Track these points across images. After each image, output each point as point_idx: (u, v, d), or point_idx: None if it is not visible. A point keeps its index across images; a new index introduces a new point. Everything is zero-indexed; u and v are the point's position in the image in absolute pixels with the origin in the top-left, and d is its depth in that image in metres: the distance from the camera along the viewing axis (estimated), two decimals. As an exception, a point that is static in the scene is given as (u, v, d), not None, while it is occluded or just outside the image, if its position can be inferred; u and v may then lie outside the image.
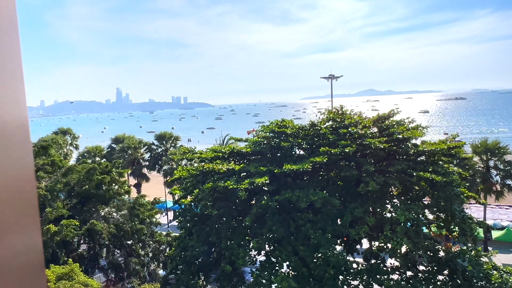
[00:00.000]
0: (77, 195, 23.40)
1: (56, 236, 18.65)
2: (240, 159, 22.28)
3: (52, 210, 19.60)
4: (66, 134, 67.71)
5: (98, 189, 23.56)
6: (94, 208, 24.18)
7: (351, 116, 22.18)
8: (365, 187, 17.47)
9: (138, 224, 24.55)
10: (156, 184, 70.91)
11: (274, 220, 17.69)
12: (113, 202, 24.98)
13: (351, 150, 18.32)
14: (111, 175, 24.72)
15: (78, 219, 21.25)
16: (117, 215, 25.10)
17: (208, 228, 19.71)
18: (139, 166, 55.82)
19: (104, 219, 23.92)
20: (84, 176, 23.46)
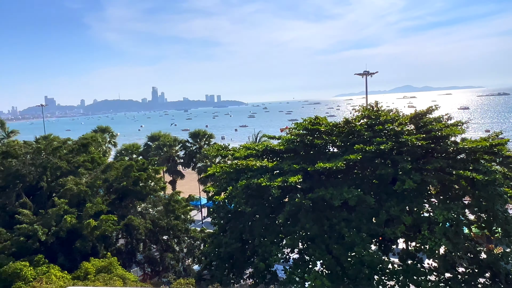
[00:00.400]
0: (115, 191, 24.17)
1: (96, 230, 19.34)
2: (273, 157, 22.29)
3: (92, 206, 20.33)
4: (105, 132, 69.88)
5: (135, 185, 24.23)
6: (132, 204, 24.88)
7: (387, 113, 21.68)
8: (401, 185, 17.07)
9: (173, 220, 25.08)
10: (190, 181, 72.10)
11: (307, 218, 17.60)
12: (150, 198, 25.62)
13: (386, 148, 17.93)
14: (147, 172, 25.36)
15: (116, 214, 21.93)
16: (153, 211, 25.72)
17: (242, 225, 19.88)
18: (174, 163, 56.90)
19: (141, 215, 24.58)
20: (122, 172, 24.20)
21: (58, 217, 19.60)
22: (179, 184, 62.08)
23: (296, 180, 16.98)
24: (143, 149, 58.68)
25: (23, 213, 19.92)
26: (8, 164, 23.09)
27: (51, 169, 23.32)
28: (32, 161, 23.65)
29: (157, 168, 27.68)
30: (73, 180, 22.11)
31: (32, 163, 23.51)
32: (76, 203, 21.32)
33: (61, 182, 22.20)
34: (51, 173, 23.40)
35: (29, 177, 22.73)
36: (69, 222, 18.91)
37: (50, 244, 19.32)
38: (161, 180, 27.66)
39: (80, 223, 19.41)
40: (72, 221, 19.10)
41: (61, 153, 25.33)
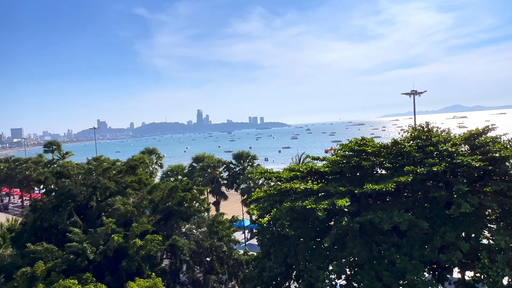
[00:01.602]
0: (160, 211, 24.54)
1: (141, 250, 19.61)
2: (318, 178, 21.77)
3: (138, 225, 20.70)
4: (152, 154, 72.20)
5: (180, 206, 24.50)
6: (176, 224, 25.13)
7: (439, 133, 20.67)
8: (457, 209, 16.00)
9: (217, 242, 25.00)
10: (234, 202, 72.30)
11: (355, 243, 16.83)
12: (194, 219, 25.79)
13: (440, 169, 16.96)
14: (192, 193, 25.62)
15: (161, 234, 22.19)
16: (197, 232, 25.82)
17: (286, 248, 19.36)
18: (218, 185, 57.39)
19: (185, 236, 24.71)
20: (167, 193, 24.60)
21: (106, 236, 20.09)
22: (223, 205, 62.33)
23: (344, 203, 16.37)
24: (188, 170, 59.76)
25: (74, 232, 20.62)
26: (61, 184, 24.18)
27: (101, 189, 24.15)
28: (83, 181, 24.64)
29: (201, 188, 27.92)
30: (120, 200, 22.72)
31: (83, 183, 24.49)
32: (123, 222, 21.82)
33: (110, 202, 22.88)
34: (100, 193, 24.23)
35: (80, 196, 23.64)
36: (116, 241, 19.31)
37: (98, 262, 19.76)
38: (205, 201, 27.80)
39: (127, 242, 19.77)
40: (119, 240, 19.50)
41: (110, 174, 26.22)
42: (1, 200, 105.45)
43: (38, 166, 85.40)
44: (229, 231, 26.03)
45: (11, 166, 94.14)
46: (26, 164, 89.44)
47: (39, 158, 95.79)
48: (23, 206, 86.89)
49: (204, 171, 57.10)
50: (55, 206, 23.54)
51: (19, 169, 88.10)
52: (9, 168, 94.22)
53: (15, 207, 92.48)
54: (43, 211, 23.95)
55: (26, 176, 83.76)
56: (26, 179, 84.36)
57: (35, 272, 18.27)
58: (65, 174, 24.94)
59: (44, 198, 25.47)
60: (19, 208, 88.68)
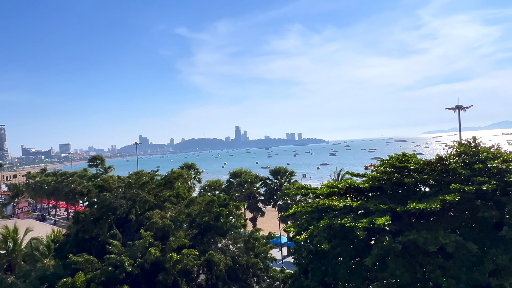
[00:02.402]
0: (197, 226, 24.60)
1: (178, 264, 19.64)
2: (357, 195, 21.10)
3: (175, 239, 20.81)
4: (191, 169, 73.34)
5: (217, 221, 24.47)
6: (213, 239, 25.08)
7: (487, 149, 19.54)
8: (509, 230, 14.92)
9: (253, 258, 24.66)
10: (271, 218, 71.78)
11: (397, 264, 16.01)
12: (230, 234, 25.64)
13: (489, 188, 15.94)
14: (228, 208, 25.56)
15: (198, 249, 22.17)
16: (233, 248, 25.62)
17: (324, 267, 18.75)
18: (255, 200, 57.26)
19: (221, 251, 24.57)
20: (204, 208, 24.68)
21: (143, 249, 20.32)
22: (260, 221, 62.01)
23: (384, 222, 15.68)
24: (226, 186, 60.13)
25: (113, 244, 21.02)
26: (103, 197, 24.86)
27: (140, 202, 24.60)
28: (124, 195, 25.21)
29: (238, 204, 27.82)
30: (158, 213, 22.99)
31: (123, 196, 25.05)
32: (161, 236, 22.02)
33: (148, 215, 23.21)
34: (139, 206, 24.68)
35: (120, 209, 24.17)
36: (153, 255, 19.47)
37: (135, 275, 19.97)
38: (242, 217, 27.64)
39: (163, 256, 19.88)
40: (156, 253, 19.65)
41: (149, 188, 26.68)
42: (47, 212, 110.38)
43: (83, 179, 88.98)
44: (265, 248, 25.64)
45: (58, 180, 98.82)
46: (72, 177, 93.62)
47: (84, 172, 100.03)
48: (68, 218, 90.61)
49: (241, 187, 57.22)
50: (96, 218, 24.21)
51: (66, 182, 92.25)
52: (56, 181, 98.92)
53: (61, 219, 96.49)
54: (85, 223, 24.68)
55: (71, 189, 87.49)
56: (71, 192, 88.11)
57: (76, 282, 18.71)
58: (106, 187, 25.68)
59: (87, 210, 26.31)
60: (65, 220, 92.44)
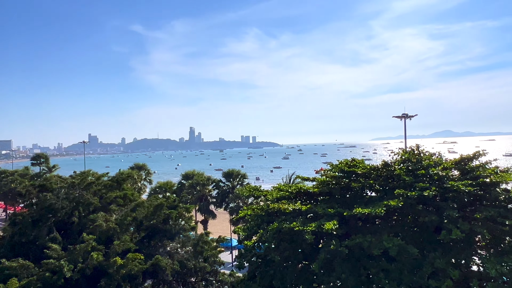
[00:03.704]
0: (144, 229, 23.82)
1: (122, 269, 18.85)
2: (307, 199, 21.36)
3: (119, 243, 19.99)
4: (141, 170, 71.32)
5: (165, 223, 23.84)
6: (160, 243, 24.39)
7: (429, 156, 20.49)
8: (447, 234, 15.65)
9: (202, 262, 24.26)
10: (222, 221, 71.35)
11: (343, 267, 16.32)
12: (179, 237, 25.07)
13: (430, 194, 16.67)
14: (178, 210, 24.98)
15: (144, 253, 21.45)
16: (182, 251, 25.06)
17: (272, 271, 18.76)
18: (206, 203, 56.64)
19: (169, 255, 23.93)
20: (151, 211, 23.95)
21: (85, 254, 19.33)
22: (211, 224, 61.43)
23: (332, 226, 15.93)
24: (177, 187, 59.00)
25: (52, 248, 19.82)
26: (43, 198, 23.43)
27: (83, 204, 23.43)
28: (66, 196, 23.90)
29: (188, 206, 27.29)
30: (103, 216, 22.01)
31: (66, 197, 23.75)
32: (105, 240, 21.07)
33: (92, 218, 22.16)
34: (83, 208, 23.50)
35: (61, 211, 22.89)
36: (96, 259, 18.56)
37: (75, 281, 18.94)
38: (192, 219, 27.13)
39: (107, 260, 19.01)
40: (98, 258, 18.75)
41: (95, 189, 25.52)
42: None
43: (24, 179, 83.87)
44: (215, 252, 25.32)
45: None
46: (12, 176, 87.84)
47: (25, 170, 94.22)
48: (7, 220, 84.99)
49: (193, 189, 56.43)
50: (35, 220, 22.75)
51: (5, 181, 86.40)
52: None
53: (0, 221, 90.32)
54: (22, 226, 23.12)
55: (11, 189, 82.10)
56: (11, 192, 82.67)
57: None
58: (47, 187, 24.24)
59: (25, 212, 24.68)
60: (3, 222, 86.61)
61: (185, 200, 51.41)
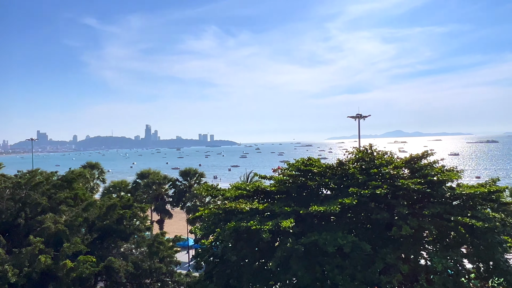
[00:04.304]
0: (97, 230, 22.93)
1: (72, 272, 18.02)
2: (264, 198, 21.47)
3: (70, 245, 19.08)
4: (94, 168, 68.72)
5: (119, 224, 23.06)
6: (114, 244, 23.59)
7: (381, 155, 21.23)
8: (398, 231, 16.29)
9: (157, 263, 23.72)
10: (179, 220, 70.40)
11: (299, 265, 16.53)
12: (133, 238, 24.36)
13: (382, 192, 17.26)
14: (132, 210, 24.27)
15: (96, 255, 20.64)
16: (136, 252, 24.39)
17: (229, 270, 18.69)
18: (162, 202, 55.56)
19: (123, 256, 23.18)
20: (104, 211, 23.10)
21: (32, 257, 18.29)
22: (168, 224, 60.42)
23: (288, 224, 16.09)
24: (132, 187, 57.49)
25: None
26: (-15, 199, 21.97)
27: (31, 205, 22.19)
28: (11, 196, 22.54)
29: (143, 206, 26.58)
30: (52, 217, 20.95)
31: (11, 198, 22.39)
32: (54, 242, 20.06)
33: (40, 219, 21.04)
34: (30, 209, 22.25)
35: (6, 213, 21.55)
36: (44, 263, 17.61)
37: (21, 286, 17.90)
38: (147, 219, 26.47)
39: (56, 264, 18.10)
40: (47, 261, 17.80)
41: (44, 189, 24.25)
42: None
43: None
44: (171, 252, 24.84)
45: None
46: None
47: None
48: None
49: (148, 188, 55.20)
50: (-23, 223, 21.28)
51: None
52: None
53: None
54: (-39, 229, 21.52)
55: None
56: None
57: None
58: (-10, 187, 22.75)
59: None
60: None
61: (140, 200, 50.16)
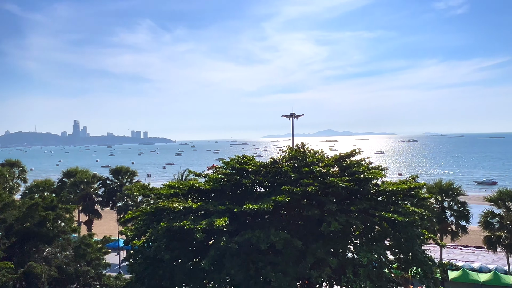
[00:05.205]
0: (16, 233, 21.21)
1: (-14, 280, 16.54)
2: (199, 196, 21.24)
3: (-17, 251, 17.50)
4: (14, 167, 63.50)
5: (41, 226, 21.49)
6: (35, 248, 21.96)
7: (313, 154, 21.95)
8: (327, 227, 16.93)
9: (84, 266, 22.52)
10: (109, 221, 67.52)
11: (233, 263, 16.57)
12: (58, 241, 22.86)
13: (313, 189, 17.85)
14: (56, 211, 22.75)
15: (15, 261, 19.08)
16: (61, 256, 22.92)
17: (162, 271, 18.22)
18: (91, 202, 52.79)
19: (45, 261, 21.66)
20: (24, 212, 21.42)
21: None
22: (97, 225, 57.77)
23: (222, 223, 16.05)
24: (57, 186, 53.96)
25: None
26: None
27: None
28: None
29: (68, 206, 25.03)
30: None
31: None
32: (-35, 248, 18.26)
33: None
34: None
35: None
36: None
37: None
38: (73, 220, 24.99)
39: (-33, 272, 16.48)
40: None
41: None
42: None
43: None
44: (99, 254, 23.70)
45: None
46: None
47: None
48: None
49: (76, 187, 52.20)
50: None
51: None
52: None
53: None
54: None
55: None
56: None
57: None
58: None
59: None
60: None
61: (66, 200, 47.30)
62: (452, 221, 37.00)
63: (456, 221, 36.85)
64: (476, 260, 47.20)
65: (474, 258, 48.51)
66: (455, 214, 36.95)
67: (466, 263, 45.23)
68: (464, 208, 36.64)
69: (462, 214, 36.53)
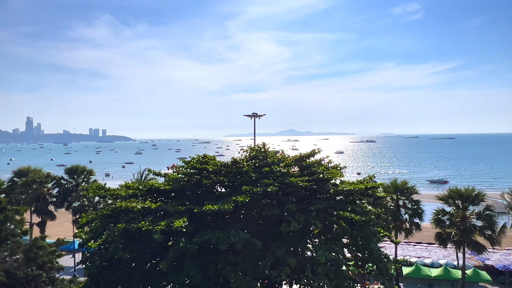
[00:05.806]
0: (-41, 237, 19.98)
1: None
2: (158, 196, 20.83)
3: None
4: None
5: (-12, 229, 20.39)
6: (-18, 252, 20.78)
7: (274, 154, 22.10)
8: (287, 226, 17.08)
9: (36, 270, 21.51)
10: (64, 222, 65.05)
11: (192, 264, 16.38)
12: (6, 244, 21.68)
13: (273, 189, 17.97)
14: (5, 213, 21.58)
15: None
16: (10, 260, 21.76)
17: (119, 273, 17.71)
18: (44, 203, 50.48)
19: (-7, 265, 20.56)
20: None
21: None
22: (51, 226, 55.49)
23: (181, 224, 15.81)
24: (8, 186, 51.28)
25: None
26: None
27: None
28: None
29: (19, 208, 23.80)
30: None
31: None
32: None
33: None
34: None
35: None
36: None
37: None
38: (24, 222, 23.81)
39: None
40: None
41: None
42: None
43: None
44: (52, 257, 22.72)
45: None
46: None
47: None
48: None
49: (28, 187, 49.75)
50: None
51: None
52: None
53: None
54: None
55: None
56: None
57: None
58: None
59: None
60: None
61: (17, 201, 45.05)
62: (407, 219, 38.42)
63: (410, 219, 38.28)
64: (428, 256, 49.32)
65: (427, 254, 50.65)
66: (409, 212, 38.38)
67: (419, 259, 47.22)
68: (418, 206, 38.12)
69: (416, 212, 38.00)
